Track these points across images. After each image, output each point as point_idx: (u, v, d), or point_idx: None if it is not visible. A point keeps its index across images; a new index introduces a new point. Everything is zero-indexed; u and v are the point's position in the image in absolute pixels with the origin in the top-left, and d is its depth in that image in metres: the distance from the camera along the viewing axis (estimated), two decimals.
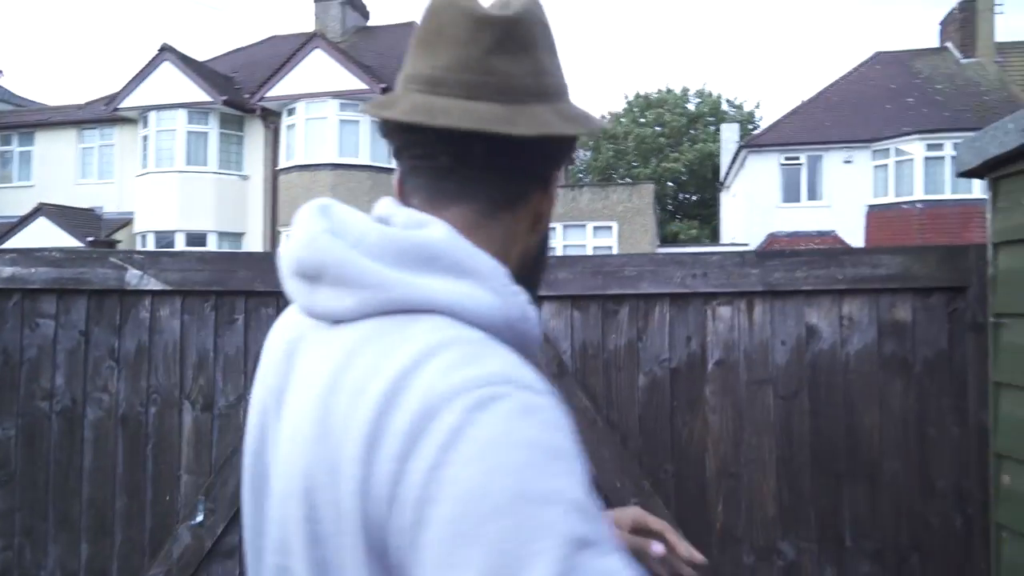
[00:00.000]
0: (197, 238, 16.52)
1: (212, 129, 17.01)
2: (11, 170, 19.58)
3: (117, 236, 17.53)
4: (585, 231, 15.64)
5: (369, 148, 16.11)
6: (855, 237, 18.15)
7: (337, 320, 0.63)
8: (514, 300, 0.65)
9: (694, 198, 36.21)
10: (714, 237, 28.74)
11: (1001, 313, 1.78)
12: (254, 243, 17.12)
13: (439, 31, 0.66)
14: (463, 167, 0.67)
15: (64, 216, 16.88)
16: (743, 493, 1.91)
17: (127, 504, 2.07)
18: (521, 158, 0.67)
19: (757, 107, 42.42)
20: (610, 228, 15.54)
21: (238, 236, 17.23)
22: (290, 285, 0.68)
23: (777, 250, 1.96)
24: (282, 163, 16.74)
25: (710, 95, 36.03)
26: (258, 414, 0.71)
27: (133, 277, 2.07)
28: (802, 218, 19.95)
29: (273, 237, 16.73)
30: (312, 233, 0.64)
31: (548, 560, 0.47)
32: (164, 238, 16.60)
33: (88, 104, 19.36)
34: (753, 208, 20.04)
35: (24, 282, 2.08)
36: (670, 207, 35.70)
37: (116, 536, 2.07)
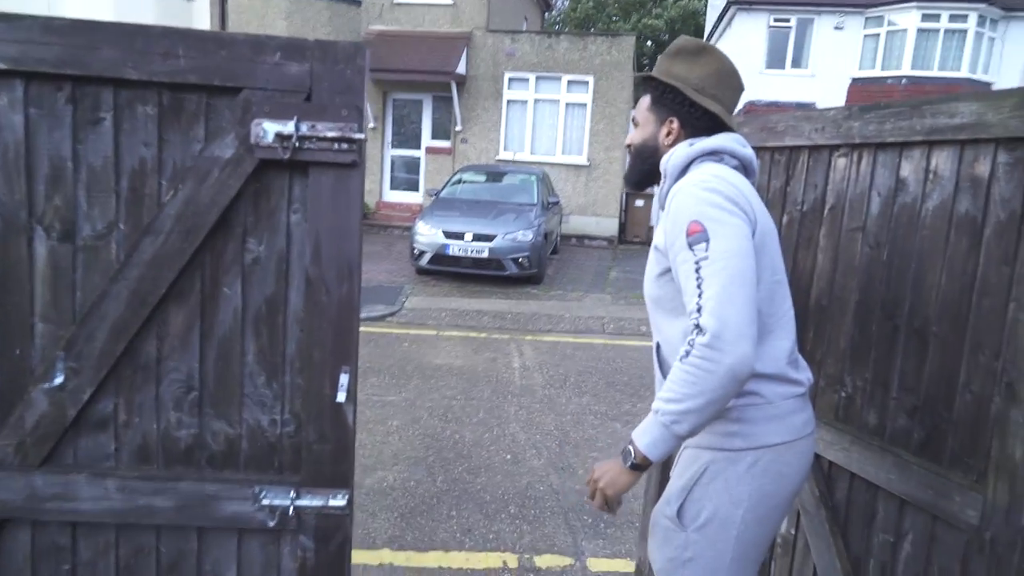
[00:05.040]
0: None
1: None
2: None
3: None
4: (560, 84, 14.52)
5: None
6: None
7: None
8: None
9: None
10: None
11: None
12: None
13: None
14: None
15: None
16: (826, 324, 2.11)
17: None
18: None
19: None
20: (586, 84, 14.44)
21: None
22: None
23: (872, 104, 1.93)
24: None
25: None
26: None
27: None
28: (784, 86, 19.10)
29: None
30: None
31: None
32: None
33: None
34: None
35: None
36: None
37: None
